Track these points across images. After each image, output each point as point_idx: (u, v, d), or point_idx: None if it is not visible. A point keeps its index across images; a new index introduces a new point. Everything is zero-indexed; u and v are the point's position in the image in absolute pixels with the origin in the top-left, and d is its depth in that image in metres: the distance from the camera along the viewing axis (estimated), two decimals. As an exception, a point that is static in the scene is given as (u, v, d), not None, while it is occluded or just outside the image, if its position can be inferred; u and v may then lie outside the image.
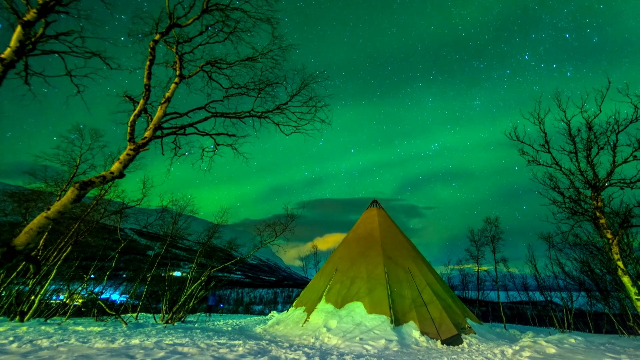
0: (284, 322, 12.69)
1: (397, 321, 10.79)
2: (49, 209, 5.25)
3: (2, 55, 5.08)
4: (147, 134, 6.96)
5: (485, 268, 19.85)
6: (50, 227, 9.68)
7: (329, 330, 10.44)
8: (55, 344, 7.08)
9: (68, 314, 13.23)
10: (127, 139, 6.56)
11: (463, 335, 10.82)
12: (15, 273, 11.90)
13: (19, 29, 5.21)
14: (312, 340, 9.86)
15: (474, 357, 8.21)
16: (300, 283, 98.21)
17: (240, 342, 8.38)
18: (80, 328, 10.20)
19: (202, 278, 14.16)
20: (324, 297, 12.62)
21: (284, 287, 78.32)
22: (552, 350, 7.88)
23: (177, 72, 7.59)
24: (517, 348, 8.24)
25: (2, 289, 11.94)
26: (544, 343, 8.29)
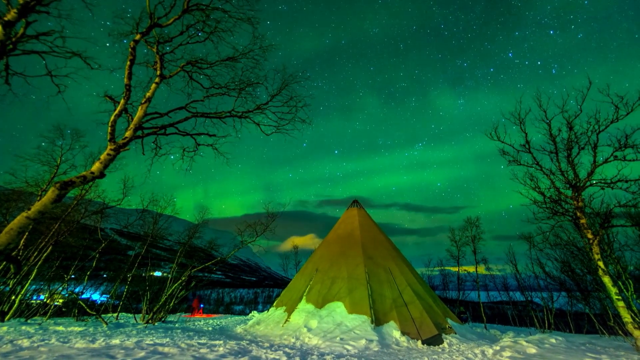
0: (265, 322, 13.14)
1: (378, 321, 11.25)
2: (29, 209, 5.45)
3: (-17, 55, 5.54)
4: (128, 134, 7.32)
5: (466, 268, 20.79)
6: (30, 227, 10.10)
7: (309, 330, 10.88)
8: (35, 344, 7.40)
9: (49, 314, 13.68)
10: (108, 139, 6.80)
11: (444, 335, 11.31)
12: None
13: (-1, 28, 5.65)
14: (293, 340, 10.30)
15: (454, 357, 8.62)
16: (280, 283, 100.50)
17: (221, 342, 8.77)
18: (60, 328, 10.53)
19: (183, 278, 14.64)
20: (304, 297, 13.10)
21: (264, 287, 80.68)
22: (532, 350, 8.39)
23: (158, 72, 7.88)
24: (498, 348, 8.72)
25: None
26: (524, 343, 8.79)
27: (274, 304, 15.22)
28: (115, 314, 16.24)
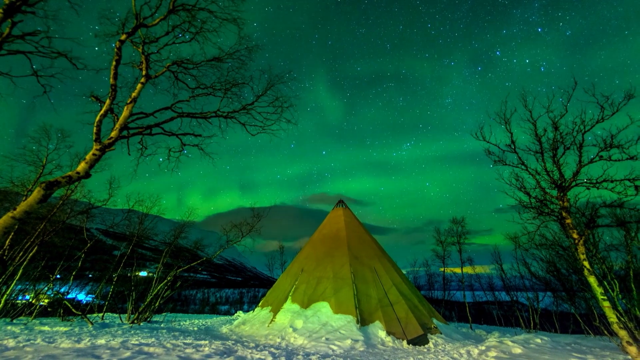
0: (250, 322, 13.46)
1: (363, 321, 11.60)
2: (15, 209, 5.67)
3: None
4: (113, 134, 7.58)
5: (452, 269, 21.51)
6: (16, 227, 10.41)
7: (295, 330, 11.21)
8: (21, 344, 7.68)
9: (34, 314, 14.00)
10: (93, 139, 7.03)
11: (429, 335, 11.71)
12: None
13: (-16, 29, 5.91)
14: (278, 340, 10.64)
15: (440, 357, 8.97)
16: (266, 283, 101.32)
17: (207, 342, 9.07)
18: (46, 328, 10.79)
19: (169, 278, 15.02)
20: (290, 297, 13.48)
21: (250, 287, 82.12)
22: (518, 350, 8.77)
23: (144, 72, 8.07)
24: (483, 348, 9.08)
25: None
26: (510, 343, 9.17)
27: (260, 304, 15.57)
28: (100, 314, 16.51)
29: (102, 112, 7.37)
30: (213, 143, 9.17)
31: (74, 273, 15.82)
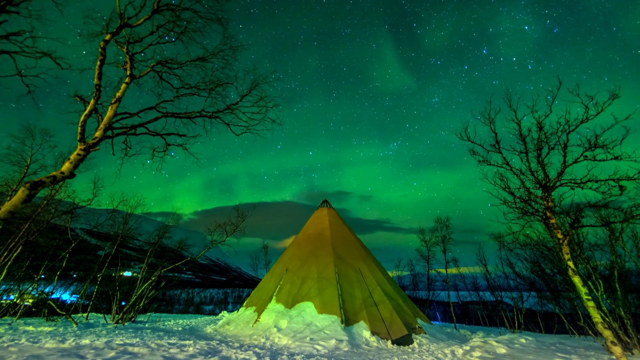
0: (235, 322, 13.81)
1: (348, 321, 11.97)
2: None
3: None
4: (98, 134, 7.85)
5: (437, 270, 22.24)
6: (0, 227, 10.89)
7: (279, 330, 11.54)
8: (5, 344, 7.92)
9: (18, 314, 14.29)
10: (78, 139, 7.33)
11: (414, 335, 12.09)
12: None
13: (-31, 29, 6.02)
14: (263, 340, 10.95)
15: (424, 357, 9.27)
16: (250, 283, 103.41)
17: (191, 342, 9.36)
18: (30, 328, 11.04)
19: (153, 278, 15.37)
20: (274, 297, 13.86)
21: (234, 287, 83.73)
22: (502, 350, 9.14)
23: (128, 72, 8.36)
24: (468, 348, 9.44)
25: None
26: (494, 343, 9.54)
27: (244, 304, 15.93)
28: (85, 314, 16.80)
29: (86, 112, 7.64)
30: (197, 143, 9.56)
31: (58, 273, 16.12)
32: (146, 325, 14.48)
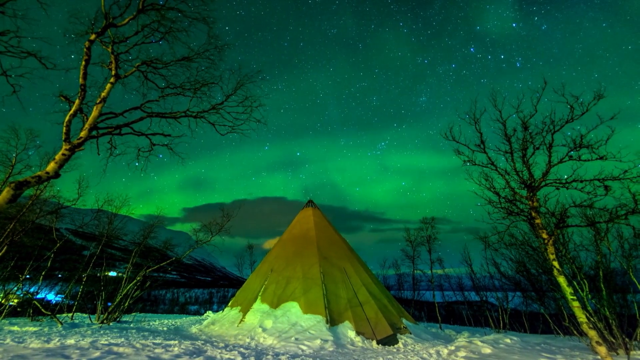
0: (220, 322, 14.13)
1: (333, 321, 12.30)
2: None
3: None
4: (83, 134, 8.06)
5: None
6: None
7: (264, 330, 11.85)
8: None
9: (3, 314, 14.56)
10: (63, 139, 7.52)
11: (399, 336, 12.43)
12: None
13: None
14: (248, 340, 11.23)
15: (409, 357, 9.55)
16: (235, 283, 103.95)
17: (176, 342, 9.60)
18: (15, 328, 11.28)
19: (138, 278, 15.68)
20: (259, 297, 14.18)
21: (219, 287, 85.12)
22: (487, 350, 9.50)
23: (113, 72, 8.56)
24: (453, 348, 9.77)
25: None
26: (479, 343, 9.89)
27: (229, 304, 16.21)
28: (70, 314, 17.05)
29: (71, 112, 7.85)
30: (182, 142, 9.94)
31: (43, 273, 16.40)
32: (131, 325, 14.77)
